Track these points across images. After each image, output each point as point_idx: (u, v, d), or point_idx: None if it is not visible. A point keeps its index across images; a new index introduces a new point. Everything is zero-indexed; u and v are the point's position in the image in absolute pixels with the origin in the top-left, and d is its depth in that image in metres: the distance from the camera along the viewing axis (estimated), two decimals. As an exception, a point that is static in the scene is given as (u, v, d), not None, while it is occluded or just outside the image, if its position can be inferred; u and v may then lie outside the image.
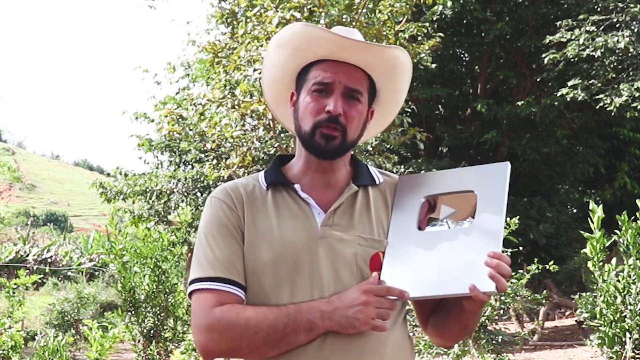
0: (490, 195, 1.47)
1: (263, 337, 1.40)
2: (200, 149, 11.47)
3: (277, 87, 1.65)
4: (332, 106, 1.49)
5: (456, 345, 6.35)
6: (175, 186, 11.88)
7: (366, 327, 1.39)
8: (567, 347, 9.96)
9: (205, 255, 1.49)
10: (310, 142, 1.53)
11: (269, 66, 1.63)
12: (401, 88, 1.66)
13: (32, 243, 21.54)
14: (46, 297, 13.02)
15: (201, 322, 1.43)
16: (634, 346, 5.79)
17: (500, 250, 1.39)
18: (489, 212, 1.45)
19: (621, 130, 13.98)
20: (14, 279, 7.52)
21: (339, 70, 1.52)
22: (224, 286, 1.45)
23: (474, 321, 1.55)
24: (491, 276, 1.34)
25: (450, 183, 1.56)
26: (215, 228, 1.51)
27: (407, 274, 1.45)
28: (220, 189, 1.58)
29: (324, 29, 1.52)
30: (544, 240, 13.99)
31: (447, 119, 15.77)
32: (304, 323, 1.40)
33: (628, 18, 11.43)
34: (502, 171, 1.50)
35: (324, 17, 7.58)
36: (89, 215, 50.34)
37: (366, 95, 1.56)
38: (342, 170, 1.59)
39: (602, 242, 5.93)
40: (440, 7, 12.37)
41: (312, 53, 1.54)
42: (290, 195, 1.55)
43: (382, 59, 1.55)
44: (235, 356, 1.48)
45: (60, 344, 6.62)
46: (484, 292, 1.35)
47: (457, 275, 1.39)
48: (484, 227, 1.43)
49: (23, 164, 68.64)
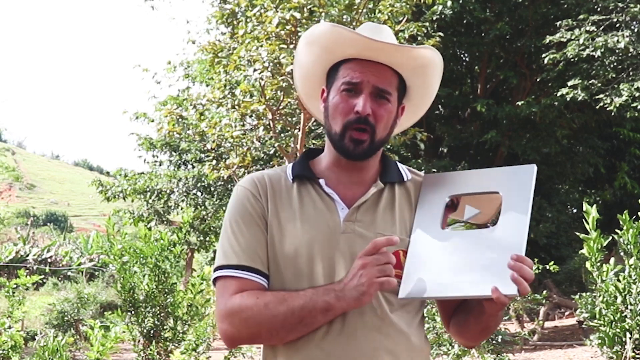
0: (516, 198, 1.46)
1: (281, 321, 1.41)
2: (201, 148, 11.48)
3: (309, 83, 1.66)
4: (361, 107, 1.49)
5: (456, 345, 6.35)
6: (176, 186, 11.89)
7: (374, 288, 1.37)
8: (567, 347, 9.96)
9: (230, 243, 1.51)
10: (339, 144, 1.53)
11: (299, 63, 1.65)
12: (432, 84, 1.67)
13: (32, 243, 21.54)
14: (46, 297, 13.02)
15: (222, 309, 1.45)
16: (634, 346, 5.79)
17: (524, 253, 1.38)
18: (514, 215, 1.44)
19: (621, 130, 13.97)
20: (14, 279, 7.52)
21: (367, 69, 1.52)
22: (246, 274, 1.47)
23: (495, 323, 1.55)
24: (514, 279, 1.34)
25: (476, 183, 1.55)
26: (239, 216, 1.53)
27: (429, 273, 1.44)
28: (247, 178, 1.60)
29: (351, 30, 1.53)
30: (544, 240, 13.99)
31: (447, 119, 15.77)
32: (320, 304, 1.40)
33: (628, 18, 11.43)
34: (529, 174, 1.49)
35: (324, 17, 7.58)
36: (89, 215, 50.34)
37: (395, 93, 1.57)
38: (371, 169, 1.60)
39: (600, 242, 5.94)
40: (440, 7, 12.37)
41: (340, 53, 1.55)
42: (315, 190, 1.56)
43: (410, 59, 1.56)
44: (257, 342, 1.50)
45: (60, 344, 6.62)
46: (506, 295, 1.34)
47: (479, 277, 1.38)
48: (508, 230, 1.42)
49: (23, 164, 68.62)
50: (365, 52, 1.52)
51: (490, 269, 1.38)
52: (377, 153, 1.60)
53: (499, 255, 1.38)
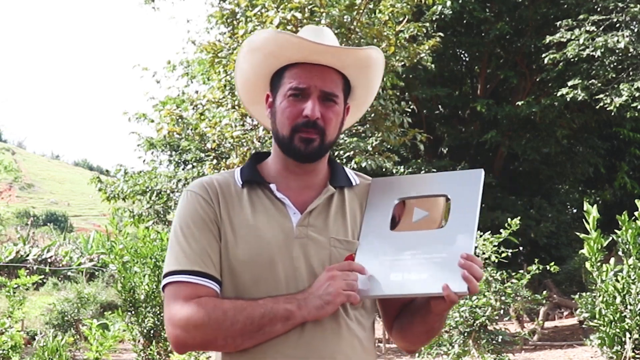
0: (464, 201, 1.48)
1: (240, 329, 1.40)
2: (201, 148, 11.48)
3: (252, 88, 1.65)
4: (310, 110, 1.49)
5: (456, 345, 6.36)
6: (176, 186, 11.88)
7: (340, 299, 1.40)
8: (567, 347, 9.96)
9: (181, 248, 1.48)
10: (289, 147, 1.53)
11: (241, 69, 1.64)
12: (375, 82, 1.67)
13: (32, 243, 21.54)
14: (46, 297, 13.02)
15: (175, 314, 1.43)
16: (633, 346, 5.79)
17: (473, 252, 1.40)
18: (462, 216, 1.46)
19: (621, 130, 13.98)
20: (14, 279, 7.52)
21: (313, 74, 1.52)
22: (199, 279, 1.45)
23: (439, 324, 1.56)
24: (464, 277, 1.35)
25: (424, 187, 1.56)
26: (191, 221, 1.50)
27: (380, 272, 1.45)
28: (197, 182, 1.57)
29: (295, 35, 1.53)
30: (544, 240, 13.99)
31: (447, 119, 15.77)
32: (280, 312, 1.40)
33: (628, 18, 11.44)
34: (476, 178, 1.50)
35: (325, 17, 7.58)
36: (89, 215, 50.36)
37: (341, 94, 1.57)
38: (319, 172, 1.60)
39: (600, 242, 5.95)
40: (440, 7, 12.37)
41: (285, 58, 1.54)
42: (265, 195, 1.55)
43: (355, 59, 1.56)
44: (209, 349, 1.49)
45: (60, 344, 6.63)
46: (456, 293, 1.36)
47: (430, 275, 1.40)
48: (457, 231, 1.44)
49: (23, 164, 68.66)
50: (311, 56, 1.52)
51: (441, 267, 1.40)
52: (325, 156, 1.61)
53: (449, 255, 1.40)
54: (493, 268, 6.59)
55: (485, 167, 11.24)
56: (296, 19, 7.34)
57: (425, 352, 6.66)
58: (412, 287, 1.41)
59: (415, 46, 8.82)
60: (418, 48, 8.77)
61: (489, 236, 6.66)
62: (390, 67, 8.70)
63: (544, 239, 13.92)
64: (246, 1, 8.21)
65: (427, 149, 14.70)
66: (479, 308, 6.27)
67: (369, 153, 9.25)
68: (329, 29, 1.64)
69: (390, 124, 8.92)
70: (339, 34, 8.18)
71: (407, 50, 8.63)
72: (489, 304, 6.32)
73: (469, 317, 6.26)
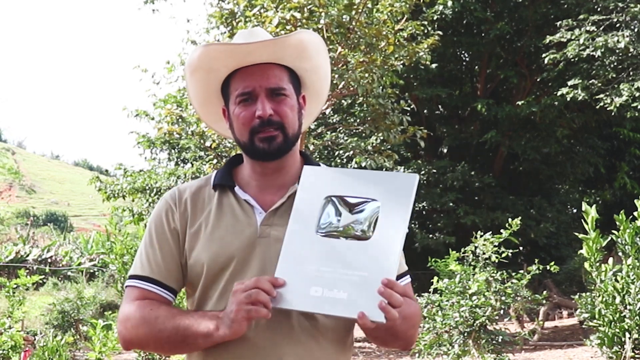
0: (394, 209, 1.41)
1: (166, 337, 1.44)
2: (200, 146, 11.48)
3: (208, 108, 1.67)
4: (261, 110, 1.51)
5: (456, 345, 6.35)
6: (175, 184, 11.87)
7: (241, 315, 1.35)
8: (567, 347, 9.96)
9: (142, 254, 1.56)
10: (253, 150, 1.54)
11: (192, 93, 1.66)
12: (320, 64, 1.65)
13: (32, 243, 21.54)
14: (46, 297, 13.02)
15: (121, 312, 1.52)
16: (633, 346, 5.79)
17: (395, 273, 1.36)
18: (390, 227, 1.40)
19: (621, 130, 13.99)
20: (14, 279, 7.52)
21: (255, 75, 1.54)
22: (152, 286, 1.52)
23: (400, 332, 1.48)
24: (381, 307, 1.31)
25: (355, 186, 1.48)
26: (154, 229, 1.57)
27: (299, 284, 1.39)
28: (171, 191, 1.62)
29: (223, 43, 1.56)
30: (544, 240, 13.99)
31: (447, 119, 15.78)
32: (201, 328, 1.42)
33: (628, 18, 11.44)
34: (410, 184, 1.44)
35: (324, 17, 7.58)
36: (89, 215, 50.37)
37: (290, 86, 1.57)
38: (289, 170, 1.59)
39: (599, 242, 5.94)
40: (441, 6, 12.38)
41: (224, 68, 1.56)
42: (234, 197, 1.57)
43: (289, 48, 1.56)
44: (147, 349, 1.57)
45: (60, 344, 6.62)
46: (372, 321, 1.32)
47: (348, 296, 1.35)
48: (382, 245, 1.39)
49: (23, 164, 68.68)
50: (246, 59, 1.53)
51: (360, 289, 1.35)
52: (295, 154, 1.60)
53: (370, 274, 1.36)
54: (493, 268, 6.59)
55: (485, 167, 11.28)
56: (295, 18, 7.34)
57: (425, 352, 6.66)
58: (329, 307, 1.36)
59: (414, 45, 8.82)
60: (417, 47, 8.77)
61: (489, 236, 6.66)
62: (390, 66, 8.70)
63: (544, 239, 13.93)
64: (245, 1, 8.21)
65: (427, 149, 14.72)
66: (479, 308, 6.27)
67: (369, 153, 9.25)
68: (261, 29, 1.65)
69: (389, 122, 8.92)
70: (338, 34, 8.18)
71: (406, 49, 8.63)
72: (489, 304, 6.32)
73: (469, 317, 6.26)
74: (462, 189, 13.88)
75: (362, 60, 8.16)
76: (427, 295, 6.78)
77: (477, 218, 13.12)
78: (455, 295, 6.39)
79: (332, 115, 13.34)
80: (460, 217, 13.55)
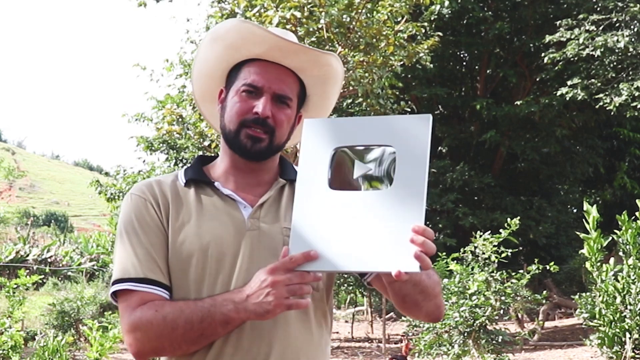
0: (412, 154, 1.30)
1: (181, 334, 1.37)
2: (198, 145, 11.48)
3: (207, 82, 1.61)
4: (261, 108, 1.46)
5: (456, 345, 6.35)
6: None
7: (281, 309, 1.30)
8: (567, 347, 9.96)
9: (127, 255, 1.46)
10: (235, 142, 1.50)
11: (200, 60, 1.59)
12: (331, 95, 1.62)
13: (32, 243, 21.53)
14: (46, 297, 13.01)
15: (126, 323, 1.42)
16: (633, 346, 5.79)
17: (423, 218, 1.26)
18: (410, 174, 1.29)
19: (621, 130, 13.99)
20: (14, 279, 7.52)
21: (270, 73, 1.49)
22: (148, 287, 1.43)
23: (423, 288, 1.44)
24: (416, 256, 1.22)
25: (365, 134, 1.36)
26: (137, 225, 1.48)
27: (319, 243, 1.29)
28: (139, 185, 1.54)
29: (260, 26, 1.49)
30: (544, 240, 13.99)
31: (446, 119, 15.77)
32: (218, 317, 1.36)
33: (628, 17, 11.44)
34: (424, 125, 1.32)
35: (324, 16, 7.58)
36: (89, 215, 50.38)
37: (295, 100, 1.54)
38: (269, 170, 1.58)
39: (600, 242, 5.95)
40: (438, 7, 12.37)
41: (246, 50, 1.51)
42: (213, 192, 1.52)
43: (315, 64, 1.53)
44: (164, 354, 1.46)
45: (60, 344, 6.62)
46: (407, 272, 1.23)
47: (377, 249, 1.26)
48: (405, 193, 1.28)
49: (23, 164, 68.68)
50: (271, 52, 1.49)
51: (390, 240, 1.25)
52: (275, 158, 1.58)
53: (397, 224, 1.26)
54: (493, 268, 6.59)
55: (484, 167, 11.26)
56: (295, 18, 7.34)
57: (425, 353, 6.66)
58: (358, 263, 1.27)
59: (414, 45, 8.81)
60: (417, 47, 8.77)
61: (489, 236, 6.65)
62: (389, 67, 8.70)
63: (544, 239, 13.92)
64: (245, 1, 8.21)
65: (426, 148, 14.70)
66: (479, 308, 6.27)
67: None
68: (294, 35, 1.60)
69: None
70: (338, 33, 8.18)
71: (405, 49, 8.63)
72: (489, 304, 6.32)
73: (469, 317, 6.26)
74: (461, 189, 13.88)
75: (362, 60, 8.16)
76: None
77: (476, 219, 13.12)
78: (454, 295, 6.39)
79: (332, 115, 13.34)
80: (460, 219, 13.55)
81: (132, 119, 11.69)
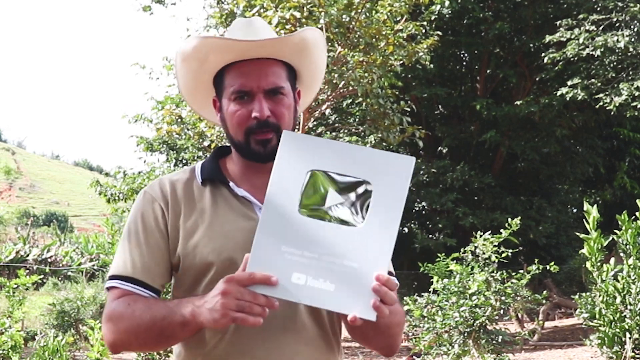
0: (388, 195, 1.27)
1: (144, 330, 1.37)
2: (198, 146, 11.48)
3: (197, 94, 1.60)
4: (259, 111, 1.44)
5: (456, 345, 6.35)
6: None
7: (226, 320, 1.26)
8: (567, 347, 9.95)
9: (124, 253, 1.47)
10: (247, 151, 1.48)
11: (182, 79, 1.58)
12: (319, 62, 1.60)
13: (32, 243, 21.53)
14: (46, 297, 13.01)
15: (103, 314, 1.44)
16: (633, 346, 5.79)
17: (387, 267, 1.25)
18: (384, 216, 1.26)
19: (621, 130, 13.99)
20: (14, 279, 7.51)
21: (252, 73, 1.46)
22: (134, 287, 1.44)
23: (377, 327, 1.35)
24: (375, 306, 1.22)
25: (345, 163, 1.30)
26: (140, 225, 1.47)
27: (279, 268, 1.24)
28: (153, 184, 1.53)
29: (222, 37, 1.47)
30: (544, 240, 13.98)
31: (446, 119, 15.77)
32: (177, 317, 1.35)
33: (628, 17, 11.43)
34: (406, 167, 1.29)
35: (324, 16, 7.58)
36: (89, 215, 50.39)
37: (288, 83, 1.51)
38: None
39: (600, 242, 5.94)
40: (438, 6, 12.37)
41: (220, 60, 1.48)
42: (229, 192, 1.50)
43: (291, 45, 1.50)
44: (132, 349, 1.48)
45: (60, 344, 6.62)
46: (361, 318, 1.22)
47: (337, 288, 1.23)
48: (375, 234, 1.25)
49: (23, 164, 68.68)
50: (244, 53, 1.46)
51: (351, 282, 1.23)
52: None
53: (362, 266, 1.23)
54: (493, 268, 6.58)
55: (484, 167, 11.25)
56: (295, 18, 7.34)
57: (425, 352, 6.65)
58: (314, 298, 1.23)
59: (414, 45, 8.81)
60: (416, 47, 8.77)
61: (489, 236, 6.65)
62: (389, 67, 8.70)
63: (544, 238, 13.92)
64: (245, 1, 8.21)
65: (426, 149, 14.71)
66: (479, 308, 6.27)
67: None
68: (260, 20, 1.58)
69: (389, 123, 8.92)
70: (338, 33, 8.17)
71: (405, 49, 8.63)
72: (489, 304, 6.31)
73: (469, 317, 6.25)
74: (461, 189, 13.88)
75: (361, 60, 8.16)
76: (427, 295, 6.78)
77: (476, 219, 13.11)
78: (454, 295, 6.39)
79: (332, 115, 13.34)
80: (460, 219, 13.55)
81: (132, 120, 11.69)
